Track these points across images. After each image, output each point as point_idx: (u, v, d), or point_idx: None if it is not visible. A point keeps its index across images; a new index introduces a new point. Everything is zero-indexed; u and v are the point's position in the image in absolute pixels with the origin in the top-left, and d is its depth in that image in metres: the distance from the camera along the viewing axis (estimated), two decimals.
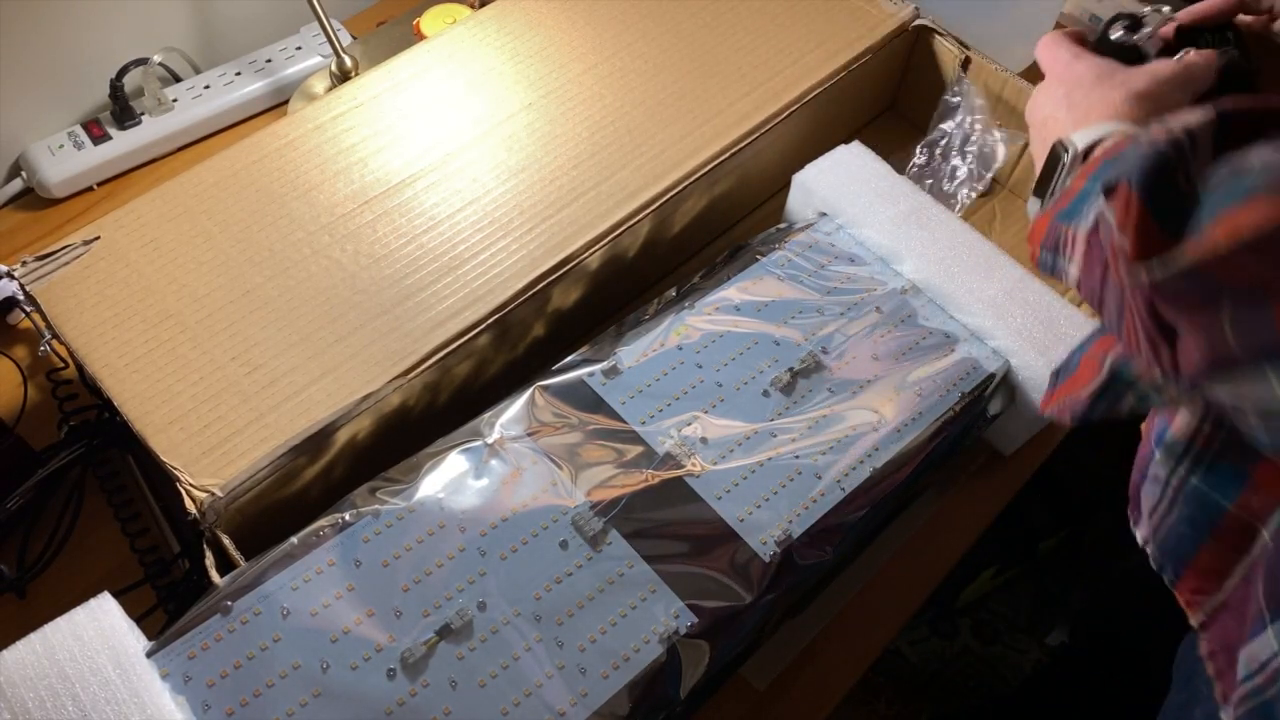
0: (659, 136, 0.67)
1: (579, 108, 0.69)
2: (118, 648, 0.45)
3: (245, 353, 0.57)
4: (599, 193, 0.64)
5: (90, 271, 0.59)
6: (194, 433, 0.53)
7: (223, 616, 0.47)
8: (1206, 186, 0.31)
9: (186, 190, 0.63)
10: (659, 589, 0.50)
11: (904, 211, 0.65)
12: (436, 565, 0.50)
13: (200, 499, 0.51)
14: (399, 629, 0.48)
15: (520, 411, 0.55)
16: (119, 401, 0.54)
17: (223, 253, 0.61)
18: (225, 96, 0.82)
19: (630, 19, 0.74)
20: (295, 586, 0.48)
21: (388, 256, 0.61)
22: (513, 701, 0.46)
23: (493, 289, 0.60)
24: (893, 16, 0.75)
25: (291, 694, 0.45)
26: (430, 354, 0.57)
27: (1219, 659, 0.41)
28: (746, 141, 0.68)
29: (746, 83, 0.70)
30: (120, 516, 0.62)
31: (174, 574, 0.60)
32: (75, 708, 0.43)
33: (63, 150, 0.78)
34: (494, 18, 0.74)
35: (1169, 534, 0.41)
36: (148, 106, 0.80)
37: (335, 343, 0.57)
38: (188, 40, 0.85)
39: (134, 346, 0.56)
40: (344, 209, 0.63)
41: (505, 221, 0.63)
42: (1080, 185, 0.39)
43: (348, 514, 0.51)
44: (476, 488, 0.52)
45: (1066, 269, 0.39)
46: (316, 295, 0.59)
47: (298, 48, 0.86)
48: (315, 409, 0.54)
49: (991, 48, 0.76)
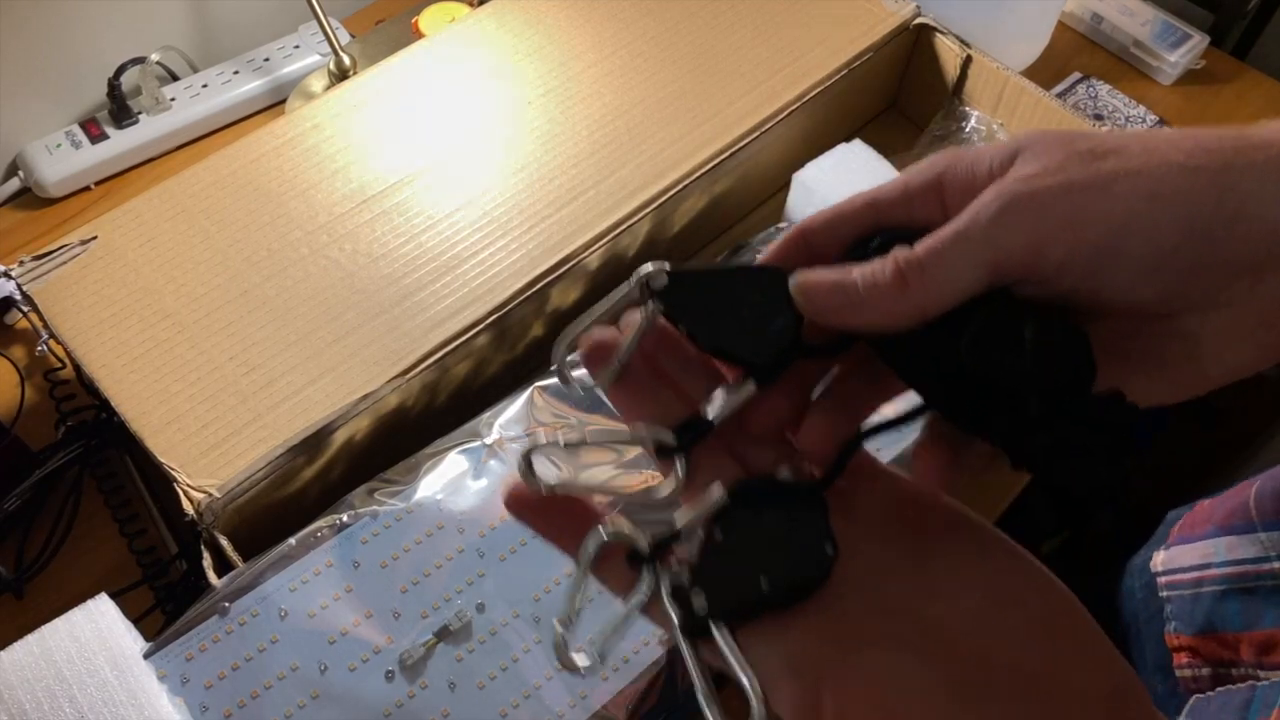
0: (659, 135, 0.67)
1: (578, 106, 0.68)
2: (115, 649, 0.45)
3: (243, 353, 0.56)
4: (598, 192, 0.64)
5: (88, 271, 0.59)
6: (192, 433, 0.53)
7: (220, 618, 0.47)
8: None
9: (184, 190, 0.63)
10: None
11: None
12: (435, 566, 0.49)
13: (198, 499, 0.51)
14: (397, 630, 0.47)
15: (519, 412, 0.55)
16: (116, 402, 0.54)
17: (220, 252, 0.60)
18: (223, 95, 0.82)
19: (630, 17, 0.74)
20: (293, 588, 0.48)
21: (386, 256, 0.61)
22: (512, 703, 0.46)
23: (492, 288, 0.59)
24: (894, 15, 0.75)
25: (289, 695, 0.45)
26: (429, 354, 0.57)
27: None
28: (747, 140, 0.68)
29: (747, 81, 0.70)
30: (118, 517, 0.62)
31: (172, 575, 0.59)
32: (73, 709, 0.43)
33: (60, 150, 0.77)
34: (493, 16, 0.74)
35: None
36: (145, 105, 0.80)
37: (333, 343, 0.57)
38: (186, 39, 0.84)
39: (131, 346, 0.56)
40: (342, 208, 0.63)
41: (504, 220, 0.62)
42: None
43: (346, 515, 0.50)
44: (475, 488, 0.52)
45: None
46: (314, 295, 0.59)
47: (296, 46, 0.86)
48: (313, 409, 0.54)
49: (992, 47, 0.75)
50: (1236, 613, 0.42)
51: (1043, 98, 0.72)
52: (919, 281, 0.26)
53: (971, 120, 0.76)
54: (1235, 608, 0.42)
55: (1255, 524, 0.42)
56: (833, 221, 0.29)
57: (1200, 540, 0.45)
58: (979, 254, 0.25)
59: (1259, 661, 0.40)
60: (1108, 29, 0.91)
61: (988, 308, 0.26)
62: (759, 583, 0.25)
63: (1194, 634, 0.44)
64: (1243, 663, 0.41)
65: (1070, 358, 0.25)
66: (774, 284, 0.28)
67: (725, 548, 0.26)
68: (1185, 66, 0.89)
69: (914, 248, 0.26)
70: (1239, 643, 0.42)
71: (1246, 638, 0.41)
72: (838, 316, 0.27)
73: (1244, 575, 0.42)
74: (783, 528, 0.26)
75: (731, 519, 0.26)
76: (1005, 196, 0.25)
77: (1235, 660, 0.42)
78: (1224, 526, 0.44)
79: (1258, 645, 0.41)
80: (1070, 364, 0.25)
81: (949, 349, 0.26)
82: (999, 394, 0.26)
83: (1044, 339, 0.25)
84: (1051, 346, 0.25)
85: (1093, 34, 0.93)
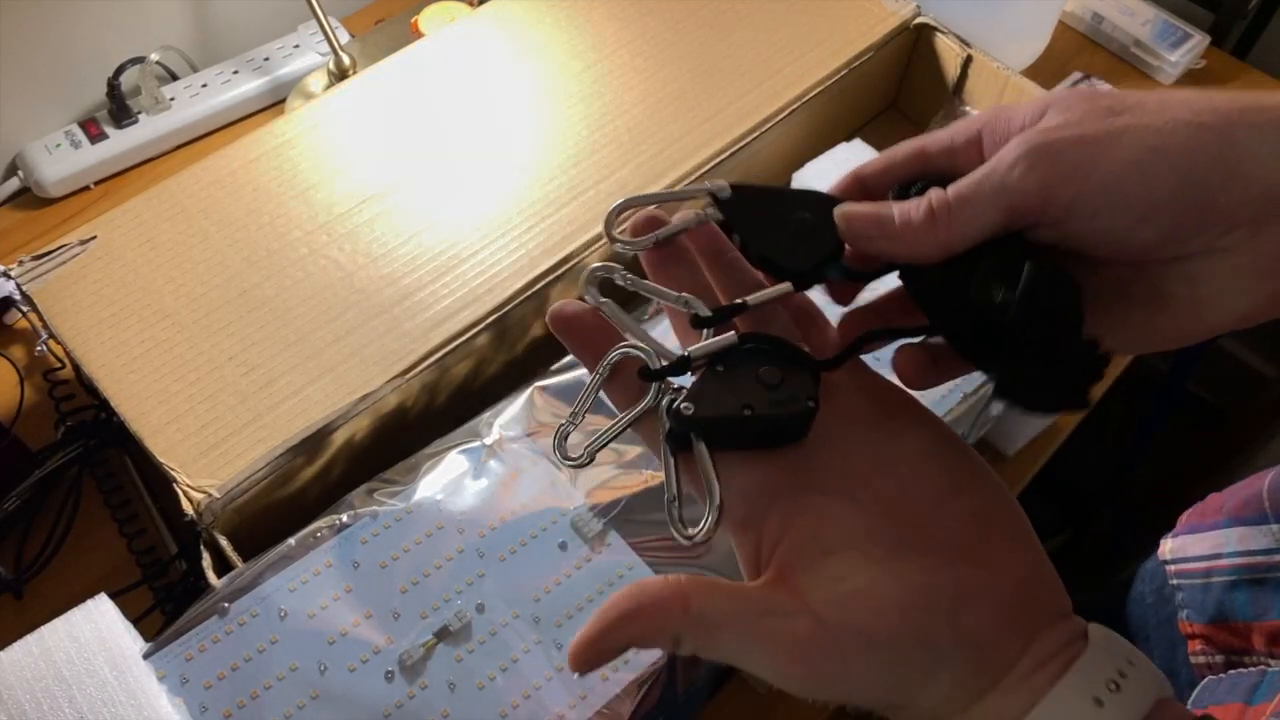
0: (659, 135, 0.67)
1: (578, 106, 0.68)
2: (115, 649, 0.45)
3: (242, 353, 0.56)
4: (598, 191, 0.64)
5: (87, 271, 0.59)
6: (191, 433, 0.53)
7: (220, 618, 0.47)
8: None
9: (184, 189, 0.63)
10: None
11: None
12: (435, 567, 0.49)
13: (197, 500, 0.51)
14: (397, 631, 0.47)
15: (519, 412, 0.55)
16: (116, 402, 0.54)
17: (220, 252, 0.60)
18: (223, 95, 0.82)
19: (630, 17, 0.74)
20: (293, 588, 0.48)
21: (385, 256, 0.61)
22: (511, 704, 0.46)
23: (491, 288, 0.59)
24: (894, 15, 0.75)
25: (289, 696, 0.45)
26: (428, 354, 0.57)
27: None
28: (747, 140, 0.68)
29: (746, 81, 0.70)
30: (117, 517, 0.62)
31: (171, 575, 0.59)
32: (72, 709, 0.43)
33: (59, 149, 0.77)
34: (492, 16, 0.73)
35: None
36: (145, 105, 0.80)
37: (333, 343, 0.57)
38: (185, 39, 0.84)
39: (131, 346, 0.56)
40: (342, 208, 0.63)
41: (504, 220, 0.62)
42: None
43: (345, 515, 0.50)
44: (475, 489, 0.52)
45: None
46: (314, 295, 0.59)
47: (295, 46, 0.86)
48: (313, 409, 0.54)
49: (992, 46, 0.75)
50: (1246, 602, 0.42)
51: None
52: (946, 220, 0.29)
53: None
54: (1245, 598, 0.42)
55: (1268, 515, 0.42)
56: (884, 166, 0.32)
57: (1211, 530, 0.45)
58: (998, 198, 0.28)
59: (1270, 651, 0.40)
60: (1108, 29, 0.91)
61: (999, 251, 0.29)
62: (741, 410, 0.29)
63: (1206, 622, 0.44)
64: (1255, 651, 0.41)
65: (1058, 301, 0.28)
66: (823, 208, 0.32)
67: (723, 377, 0.30)
68: (1185, 66, 0.89)
69: (947, 189, 0.29)
70: (1250, 632, 0.42)
71: (1258, 627, 0.41)
72: (873, 245, 0.31)
73: (1254, 566, 0.42)
74: (777, 377, 0.29)
75: (735, 359, 0.30)
76: (1024, 145, 0.28)
77: (1248, 649, 0.42)
78: (1236, 517, 0.44)
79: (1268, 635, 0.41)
80: (1056, 306, 0.28)
81: (962, 283, 0.29)
82: (994, 327, 0.29)
83: (1034, 283, 0.28)
84: (1039, 291, 0.28)
85: (1093, 34, 0.92)
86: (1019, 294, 0.28)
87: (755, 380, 0.29)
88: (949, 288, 0.30)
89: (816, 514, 0.28)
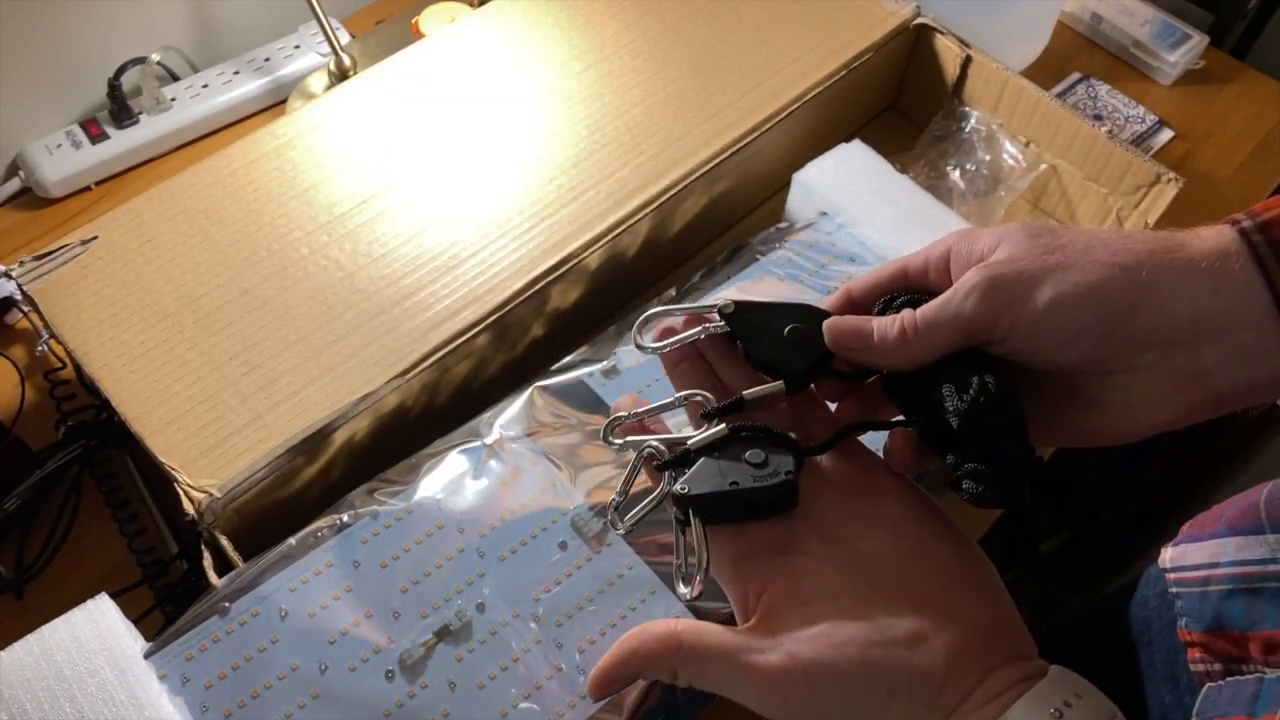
0: (659, 135, 0.67)
1: (578, 106, 0.68)
2: (115, 649, 0.45)
3: (243, 353, 0.56)
4: (598, 191, 0.64)
5: (88, 271, 0.59)
6: (192, 433, 0.53)
7: (221, 617, 0.47)
8: None
9: (184, 190, 0.63)
10: (659, 590, 0.50)
11: (905, 210, 0.65)
12: (435, 566, 0.49)
13: (198, 499, 0.51)
14: (397, 630, 0.47)
15: (519, 412, 0.55)
16: (117, 401, 0.54)
17: (221, 252, 0.60)
18: (223, 95, 0.82)
19: (630, 17, 0.74)
20: (293, 588, 0.48)
21: (386, 256, 0.61)
22: (512, 703, 0.46)
23: (491, 288, 0.59)
24: (893, 15, 0.75)
25: (290, 695, 0.45)
26: (429, 354, 0.57)
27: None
28: (747, 140, 0.68)
29: (747, 81, 0.70)
30: (118, 517, 0.62)
31: (172, 575, 0.59)
32: (73, 709, 0.43)
33: (60, 150, 0.77)
34: (492, 16, 0.74)
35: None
36: (146, 106, 0.80)
37: (333, 343, 0.57)
38: (186, 39, 0.84)
39: (132, 346, 0.56)
40: (342, 208, 0.63)
41: (504, 220, 0.62)
42: None
43: (346, 515, 0.50)
44: (475, 488, 0.52)
45: None
46: (314, 295, 0.59)
47: (296, 46, 0.86)
48: (313, 409, 0.54)
49: (992, 47, 0.75)
50: (1241, 611, 0.42)
51: (1042, 98, 0.72)
52: (915, 338, 0.34)
53: (971, 120, 0.76)
54: (1240, 607, 0.43)
55: (1264, 525, 0.43)
56: (871, 283, 0.38)
57: (1210, 539, 0.46)
58: (955, 322, 0.34)
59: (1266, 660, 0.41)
60: (1107, 29, 0.91)
61: (961, 362, 0.34)
62: (728, 485, 0.34)
63: (1204, 631, 0.45)
64: (1252, 660, 0.42)
65: (999, 409, 0.33)
66: (813, 320, 0.37)
67: (716, 461, 0.35)
68: (1185, 66, 0.89)
69: (916, 312, 0.35)
70: (1247, 641, 0.42)
71: (1253, 636, 0.42)
72: (854, 355, 0.36)
73: (1249, 575, 0.43)
74: (761, 457, 0.35)
75: (729, 446, 0.36)
76: (976, 277, 0.33)
77: (1245, 657, 0.42)
78: (1234, 527, 0.45)
79: (1263, 644, 0.41)
80: (995, 416, 0.33)
81: (929, 387, 0.35)
82: (947, 429, 0.34)
83: (978, 396, 0.33)
84: (981, 403, 0.33)
85: (1092, 34, 0.93)
86: (966, 405, 0.33)
87: (743, 461, 0.35)
88: (918, 390, 0.35)
89: (797, 572, 0.34)
